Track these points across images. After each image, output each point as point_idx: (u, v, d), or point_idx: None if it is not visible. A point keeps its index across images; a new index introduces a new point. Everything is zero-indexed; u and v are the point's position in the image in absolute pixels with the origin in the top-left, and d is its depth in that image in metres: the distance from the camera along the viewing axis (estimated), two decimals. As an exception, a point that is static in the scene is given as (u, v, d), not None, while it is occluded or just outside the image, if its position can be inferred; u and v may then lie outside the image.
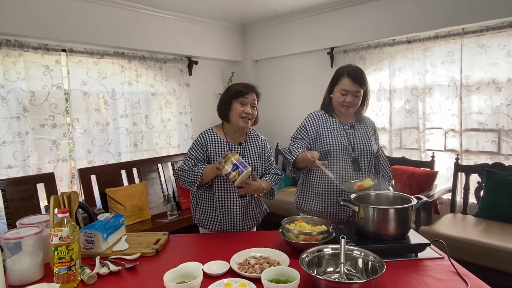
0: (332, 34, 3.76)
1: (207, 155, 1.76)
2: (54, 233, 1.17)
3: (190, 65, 4.11)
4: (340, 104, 1.79)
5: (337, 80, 1.79)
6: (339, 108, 1.81)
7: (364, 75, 1.77)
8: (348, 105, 1.77)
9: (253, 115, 1.75)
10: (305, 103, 4.15)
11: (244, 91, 1.73)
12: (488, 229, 2.52)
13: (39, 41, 2.91)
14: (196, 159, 1.75)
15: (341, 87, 1.77)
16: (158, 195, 3.56)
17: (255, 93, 1.77)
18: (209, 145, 1.76)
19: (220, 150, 1.76)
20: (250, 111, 1.73)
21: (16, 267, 1.23)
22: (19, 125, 2.82)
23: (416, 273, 1.24)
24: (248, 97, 1.73)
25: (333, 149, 1.78)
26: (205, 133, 1.81)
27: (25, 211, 2.67)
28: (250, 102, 1.74)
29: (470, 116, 3.05)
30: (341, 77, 1.77)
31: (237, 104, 1.73)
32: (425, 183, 3.04)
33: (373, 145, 1.84)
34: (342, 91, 1.76)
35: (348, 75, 1.75)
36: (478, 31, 2.92)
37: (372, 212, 1.41)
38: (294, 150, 1.76)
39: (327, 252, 1.27)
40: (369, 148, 1.82)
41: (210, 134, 1.79)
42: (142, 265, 1.38)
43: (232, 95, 1.74)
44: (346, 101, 1.76)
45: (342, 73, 1.77)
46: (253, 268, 1.25)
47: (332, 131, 1.82)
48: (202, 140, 1.78)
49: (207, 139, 1.78)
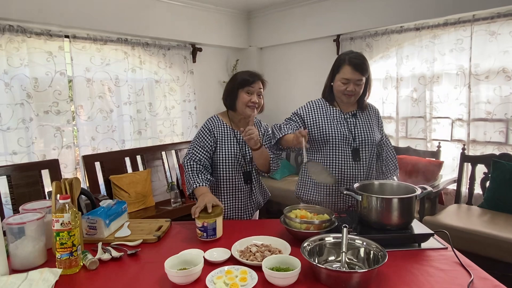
0: (339, 21, 3.69)
1: (215, 141, 1.76)
2: (56, 219, 1.18)
3: (194, 52, 4.06)
4: (342, 93, 1.73)
5: (338, 68, 1.73)
6: (341, 97, 1.76)
7: (366, 62, 1.70)
8: (349, 94, 1.72)
9: (259, 104, 1.76)
10: (310, 91, 4.10)
11: (250, 80, 1.72)
12: (493, 220, 2.50)
13: (42, 26, 2.89)
14: (204, 146, 1.74)
15: (342, 75, 1.70)
16: (162, 183, 3.57)
17: (261, 81, 1.76)
18: (216, 131, 1.77)
19: (226, 136, 1.78)
20: (257, 100, 1.73)
21: (19, 252, 1.24)
22: (23, 111, 2.83)
23: (419, 263, 1.23)
24: (254, 86, 1.72)
25: (332, 138, 1.74)
26: (211, 119, 1.81)
27: (30, 197, 2.69)
28: (257, 91, 1.74)
29: (478, 106, 2.99)
30: (342, 65, 1.71)
31: (244, 93, 1.73)
32: (430, 173, 3.01)
33: (375, 134, 1.80)
34: (343, 80, 1.70)
35: (349, 62, 1.68)
36: (489, 17, 2.83)
37: (376, 201, 1.39)
38: (284, 128, 1.73)
39: (329, 241, 1.27)
40: (371, 138, 1.78)
41: (216, 121, 1.80)
42: (143, 251, 1.38)
43: (238, 84, 1.74)
44: (347, 90, 1.71)
45: (343, 61, 1.70)
46: (254, 256, 1.24)
47: (331, 120, 1.77)
48: (210, 125, 1.78)
49: (215, 125, 1.78)
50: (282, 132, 1.70)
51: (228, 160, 1.75)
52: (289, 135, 1.66)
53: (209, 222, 1.42)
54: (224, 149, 1.75)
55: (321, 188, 1.79)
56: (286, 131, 1.70)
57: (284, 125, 1.76)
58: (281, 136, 1.69)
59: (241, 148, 1.78)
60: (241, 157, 1.77)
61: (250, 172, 1.81)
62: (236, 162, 1.76)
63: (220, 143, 1.76)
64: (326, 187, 1.78)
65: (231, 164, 1.75)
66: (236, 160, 1.76)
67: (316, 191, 1.81)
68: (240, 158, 1.77)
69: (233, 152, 1.76)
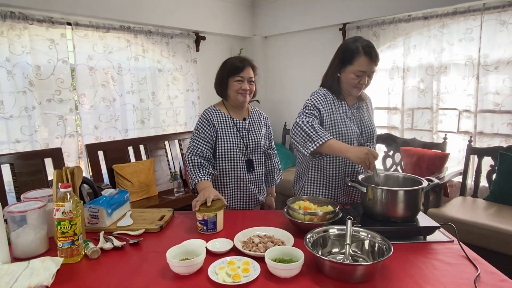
0: (345, 9, 3.61)
1: (215, 132, 1.74)
2: (57, 208, 1.17)
3: (198, 40, 4.01)
4: (353, 85, 1.60)
5: (351, 59, 1.56)
6: (350, 90, 1.62)
7: (376, 50, 1.61)
8: (361, 87, 1.60)
9: (251, 90, 1.75)
10: (315, 81, 4.00)
11: (240, 67, 1.70)
12: (499, 213, 2.47)
13: (44, 13, 2.85)
14: (205, 137, 1.72)
15: (357, 67, 1.55)
16: (165, 172, 3.57)
17: (251, 67, 1.75)
18: (215, 122, 1.74)
19: (226, 126, 1.76)
20: (248, 86, 1.73)
21: (21, 240, 1.23)
22: (25, 99, 2.81)
23: (424, 256, 1.21)
24: (243, 74, 1.71)
25: (344, 136, 1.63)
26: (208, 110, 1.79)
27: (33, 185, 2.69)
28: (247, 78, 1.72)
29: (487, 97, 2.93)
30: (356, 55, 1.54)
31: (234, 82, 1.71)
32: (435, 166, 2.98)
33: (374, 126, 1.75)
34: (359, 72, 1.55)
35: (365, 53, 1.53)
36: (499, 6, 2.76)
37: (381, 193, 1.36)
38: (320, 130, 1.50)
39: (333, 233, 1.25)
40: (374, 130, 1.73)
41: (213, 111, 1.78)
42: (146, 241, 1.37)
43: (228, 72, 1.72)
44: (360, 83, 1.57)
45: (357, 51, 1.54)
46: (257, 247, 1.23)
47: (344, 118, 1.65)
48: (208, 116, 1.75)
49: (213, 115, 1.76)
50: (322, 136, 1.48)
51: (230, 149, 1.74)
52: (337, 144, 1.48)
53: (209, 216, 1.40)
54: (225, 139, 1.74)
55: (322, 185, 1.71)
56: (324, 134, 1.49)
57: (313, 121, 1.55)
58: (324, 142, 1.47)
59: (242, 136, 1.77)
60: (243, 146, 1.76)
61: (252, 160, 1.80)
62: (239, 150, 1.75)
63: (220, 133, 1.74)
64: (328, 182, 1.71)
65: (233, 153, 1.74)
66: (238, 149, 1.75)
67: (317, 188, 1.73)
68: (242, 146, 1.76)
69: (235, 141, 1.75)
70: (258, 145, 1.81)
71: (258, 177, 1.85)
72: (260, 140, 1.82)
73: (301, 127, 1.54)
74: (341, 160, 1.68)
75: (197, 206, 1.43)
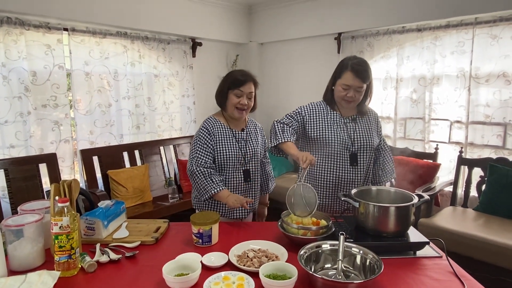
0: (340, 19, 3.66)
1: (215, 142, 1.77)
2: (55, 222, 1.18)
3: (194, 46, 4.03)
4: (341, 98, 1.74)
5: (340, 73, 1.72)
6: (340, 102, 1.77)
7: (368, 69, 1.69)
8: (349, 100, 1.72)
9: (249, 106, 1.79)
10: (310, 89, 4.09)
11: (241, 81, 1.74)
12: (488, 224, 2.53)
13: (41, 19, 2.85)
14: (207, 148, 1.75)
15: (343, 81, 1.70)
16: (160, 178, 3.58)
17: (253, 82, 1.78)
18: (214, 132, 1.78)
19: (225, 137, 1.80)
20: (246, 102, 1.75)
21: (17, 253, 1.24)
22: (21, 105, 2.80)
23: (414, 272, 1.25)
24: (244, 88, 1.74)
25: (330, 142, 1.75)
26: (208, 120, 1.83)
27: (28, 191, 2.70)
28: (246, 94, 1.75)
29: (477, 109, 3.00)
30: (344, 70, 1.70)
31: (233, 95, 1.75)
32: (427, 175, 3.03)
33: (374, 139, 1.81)
34: (344, 85, 1.70)
35: (351, 69, 1.67)
36: (491, 21, 2.82)
37: (373, 209, 1.40)
38: (286, 131, 1.71)
39: (326, 248, 1.28)
40: (370, 143, 1.78)
41: (213, 121, 1.82)
42: (141, 253, 1.39)
43: (229, 84, 1.76)
44: (347, 96, 1.71)
45: (345, 66, 1.70)
46: (252, 262, 1.26)
47: (331, 124, 1.78)
48: (208, 126, 1.79)
49: (213, 126, 1.80)
50: (285, 136, 1.69)
51: (229, 159, 1.77)
52: (292, 147, 1.66)
53: (204, 229, 1.43)
54: (224, 149, 1.77)
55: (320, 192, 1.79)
56: (289, 136, 1.69)
57: (286, 124, 1.76)
58: (283, 142, 1.68)
59: (240, 147, 1.81)
60: (241, 156, 1.79)
61: (249, 170, 1.83)
62: (237, 161, 1.79)
63: (219, 144, 1.77)
64: (322, 191, 1.79)
65: (232, 163, 1.78)
66: (236, 159, 1.78)
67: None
68: (240, 157, 1.79)
69: (233, 151, 1.78)
70: (255, 154, 1.86)
71: (254, 186, 1.89)
72: (257, 150, 1.87)
73: (275, 124, 1.77)
74: (332, 171, 1.76)
75: (245, 206, 1.63)
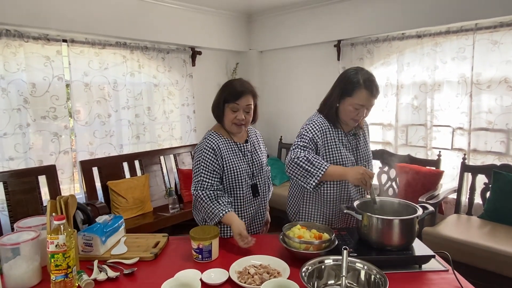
0: (340, 26, 3.66)
1: (222, 161, 1.63)
2: (51, 241, 1.15)
3: (194, 55, 4.03)
4: (351, 118, 1.61)
5: (350, 91, 1.56)
6: (347, 120, 1.64)
7: (377, 83, 1.59)
8: (359, 119, 1.62)
9: (247, 120, 1.65)
10: (310, 96, 4.07)
11: (238, 92, 1.60)
12: (493, 232, 2.48)
13: (40, 31, 2.86)
14: (213, 170, 1.61)
15: (356, 101, 1.55)
16: (160, 188, 3.55)
17: (251, 94, 1.64)
18: (221, 150, 1.63)
19: (232, 152, 1.67)
20: (243, 117, 1.62)
21: (13, 272, 1.21)
22: (20, 117, 2.79)
23: (420, 287, 1.21)
24: (240, 102, 1.60)
25: (342, 165, 1.64)
26: (211, 137, 1.66)
27: (27, 204, 2.67)
28: (243, 108, 1.62)
29: (479, 115, 2.97)
30: (357, 89, 1.54)
31: (229, 110, 1.62)
32: (430, 183, 2.99)
33: (370, 151, 1.78)
34: (357, 105, 1.56)
35: (366, 87, 1.53)
36: (491, 27, 2.81)
37: (376, 222, 1.37)
38: (316, 161, 1.53)
39: (329, 264, 1.25)
40: (370, 156, 1.75)
41: (217, 137, 1.66)
42: (140, 270, 1.36)
43: (225, 97, 1.63)
44: (358, 116, 1.59)
45: (358, 85, 1.54)
46: (253, 279, 1.22)
47: (340, 145, 1.66)
48: (213, 145, 1.63)
49: (217, 143, 1.64)
50: (321, 167, 1.52)
51: (239, 176, 1.66)
52: (333, 168, 1.54)
53: (204, 244, 1.39)
54: (233, 167, 1.65)
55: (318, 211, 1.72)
56: (322, 163, 1.53)
57: (308, 154, 1.56)
58: (324, 173, 1.52)
59: (247, 160, 1.71)
60: (249, 170, 1.71)
61: (257, 184, 1.74)
62: (246, 176, 1.69)
63: (228, 162, 1.64)
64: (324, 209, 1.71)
65: (241, 179, 1.66)
66: (246, 174, 1.68)
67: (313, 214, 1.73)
68: (248, 171, 1.70)
69: (242, 167, 1.67)
70: (261, 165, 1.77)
71: (263, 202, 1.80)
72: (262, 160, 1.78)
73: (297, 163, 1.55)
74: (336, 185, 1.68)
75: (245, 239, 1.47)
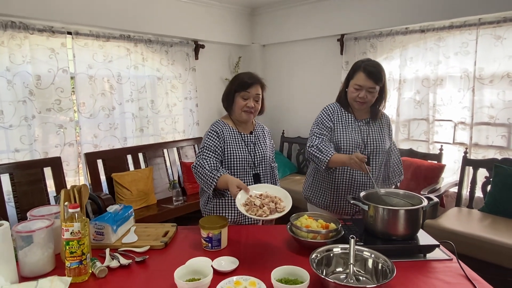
0: (343, 20, 3.67)
1: (224, 145, 1.73)
2: (66, 228, 1.18)
3: (197, 49, 4.03)
4: (353, 99, 1.77)
5: (352, 74, 1.76)
6: (353, 103, 1.80)
7: (382, 71, 1.72)
8: (361, 100, 1.74)
9: (256, 109, 1.75)
10: (312, 90, 4.09)
11: (248, 83, 1.71)
12: (494, 225, 2.52)
13: (45, 23, 2.86)
14: (214, 150, 1.70)
15: (355, 82, 1.74)
16: (164, 180, 3.58)
17: (260, 85, 1.74)
18: (224, 135, 1.74)
19: (234, 140, 1.76)
20: (253, 104, 1.72)
21: (28, 259, 1.24)
22: (25, 109, 2.81)
23: (425, 275, 1.25)
24: (250, 90, 1.71)
25: (344, 145, 1.77)
26: (217, 123, 1.78)
27: (33, 195, 2.70)
28: (253, 96, 1.72)
29: (481, 110, 3.00)
30: (356, 71, 1.74)
31: (240, 98, 1.72)
32: (431, 176, 3.03)
33: (386, 143, 1.82)
34: (356, 86, 1.73)
35: (364, 69, 1.71)
36: (494, 22, 2.82)
37: (382, 212, 1.40)
38: (324, 149, 1.71)
39: (337, 252, 1.27)
40: (382, 146, 1.80)
41: (222, 125, 1.77)
42: (151, 258, 1.39)
43: (236, 87, 1.73)
44: (359, 97, 1.74)
45: (358, 68, 1.74)
46: (263, 210, 1.34)
47: (346, 127, 1.81)
48: (217, 129, 1.75)
49: (222, 129, 1.75)
50: (326, 154, 1.69)
51: (238, 163, 1.74)
52: (338, 155, 1.68)
53: (214, 233, 1.42)
54: (233, 153, 1.74)
55: (329, 193, 1.84)
56: (329, 151, 1.70)
57: (320, 143, 1.75)
58: (329, 160, 1.68)
59: (250, 150, 1.78)
60: (250, 159, 1.76)
61: (259, 174, 1.80)
62: (246, 164, 1.75)
63: (229, 147, 1.74)
64: (334, 192, 1.82)
65: (241, 167, 1.74)
66: (246, 163, 1.75)
67: (324, 195, 1.87)
68: (249, 160, 1.76)
69: (243, 155, 1.75)
70: (265, 157, 1.82)
71: None
72: (266, 153, 1.83)
73: (310, 152, 1.77)
74: (345, 173, 1.78)
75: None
